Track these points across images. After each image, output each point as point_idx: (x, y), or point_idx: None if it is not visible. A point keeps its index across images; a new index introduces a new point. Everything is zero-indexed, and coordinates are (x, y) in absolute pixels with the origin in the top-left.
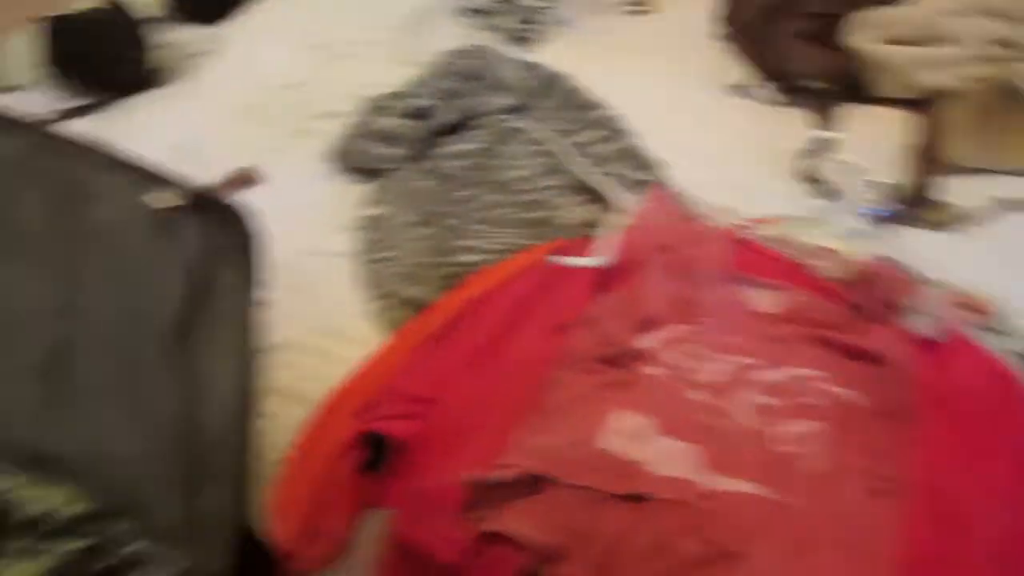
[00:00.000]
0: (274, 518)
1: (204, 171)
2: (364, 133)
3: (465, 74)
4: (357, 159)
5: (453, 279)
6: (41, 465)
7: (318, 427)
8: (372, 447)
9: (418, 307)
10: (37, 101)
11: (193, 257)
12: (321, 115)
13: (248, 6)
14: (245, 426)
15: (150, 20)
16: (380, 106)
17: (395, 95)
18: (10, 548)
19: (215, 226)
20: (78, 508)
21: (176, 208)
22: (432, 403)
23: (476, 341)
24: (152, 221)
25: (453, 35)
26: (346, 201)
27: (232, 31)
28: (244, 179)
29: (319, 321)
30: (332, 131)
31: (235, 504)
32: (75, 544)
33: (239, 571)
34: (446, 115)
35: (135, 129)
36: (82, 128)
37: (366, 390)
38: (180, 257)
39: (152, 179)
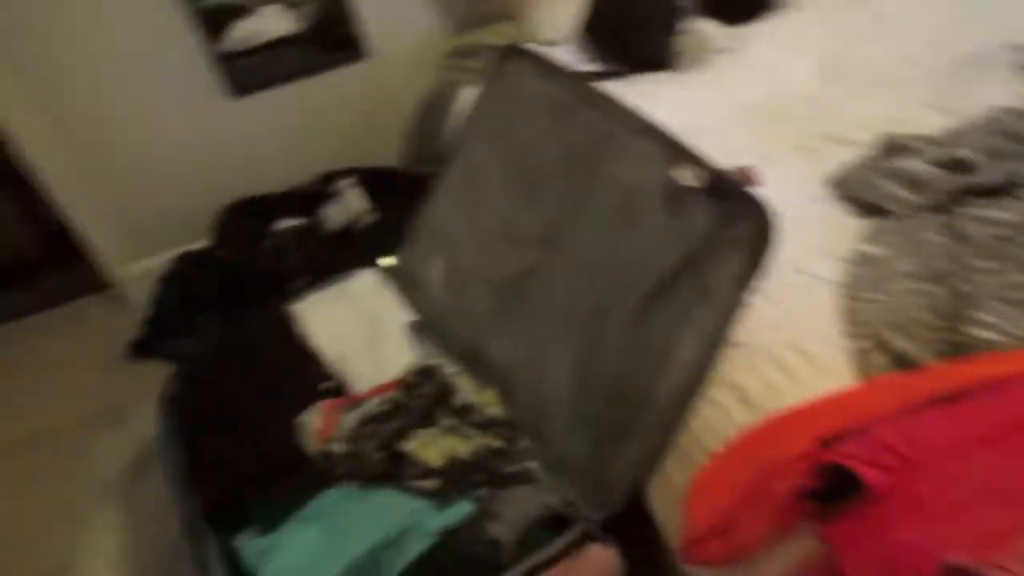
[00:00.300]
0: (690, 501)
1: None
2: (882, 169)
3: (1017, 136)
4: (866, 192)
5: (957, 348)
6: (476, 364)
7: (765, 435)
8: (823, 477)
9: (904, 360)
10: (565, 59)
11: (697, 236)
12: (831, 137)
13: (774, 13)
14: (686, 403)
15: (683, 7)
16: (907, 146)
17: (928, 139)
18: (444, 423)
19: (730, 213)
20: (496, 411)
21: (695, 187)
22: (909, 462)
23: (993, 420)
24: (666, 191)
25: (1007, 91)
26: (838, 229)
27: (755, 35)
28: (746, 178)
29: (790, 337)
30: (840, 156)
31: (641, 468)
32: (490, 440)
33: (615, 529)
34: (990, 175)
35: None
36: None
37: (832, 422)
38: (683, 233)
39: (681, 154)
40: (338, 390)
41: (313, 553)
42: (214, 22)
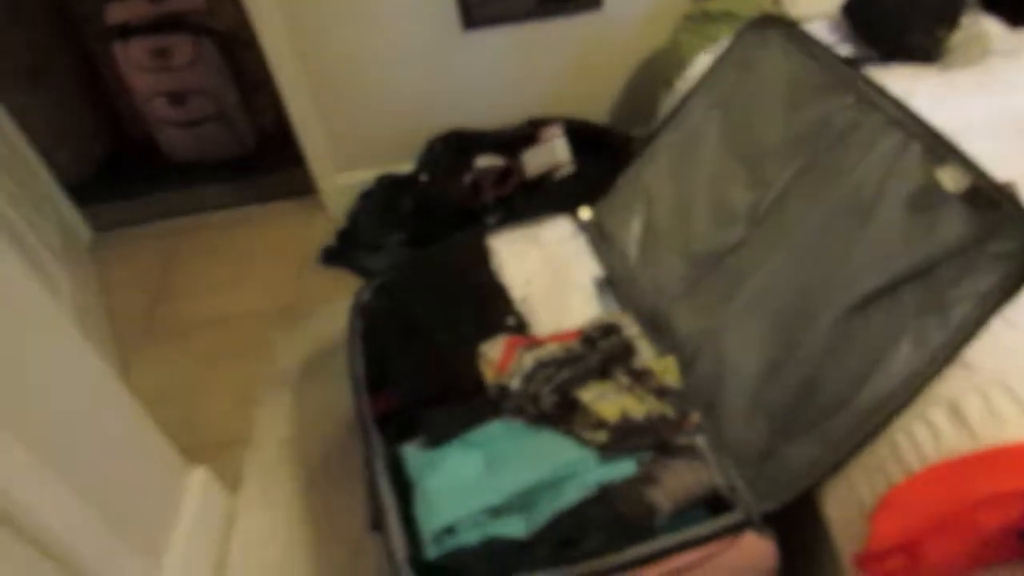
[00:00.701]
0: (878, 515)
1: None
2: None
3: None
4: None
5: None
6: (659, 330)
7: (979, 464)
8: None
9: None
10: (817, 37)
11: (944, 245)
12: None
13: None
14: (889, 414)
15: (967, 0)
16: None
17: None
18: (620, 381)
19: (993, 227)
20: (672, 381)
21: (953, 192)
22: None
23: None
24: (915, 191)
25: None
26: None
27: None
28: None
29: None
30: None
31: (820, 469)
32: (663, 408)
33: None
34: None
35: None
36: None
37: None
38: (926, 238)
39: (947, 153)
40: (520, 328)
41: (471, 476)
42: None
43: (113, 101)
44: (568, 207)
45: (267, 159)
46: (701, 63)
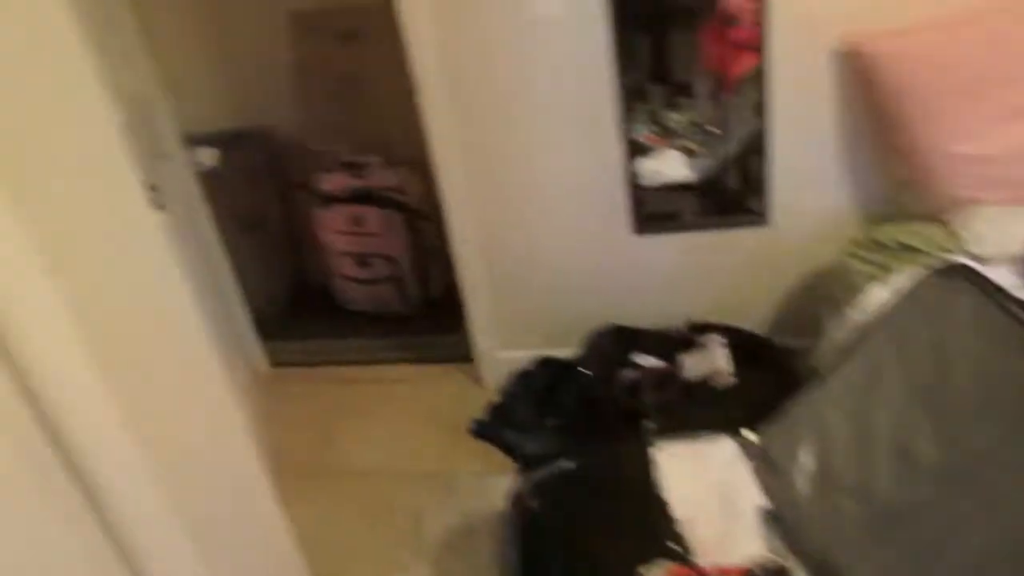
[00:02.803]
0: None
1: None
2: None
3: None
4: None
5: None
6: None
7: None
8: None
9: None
10: (1003, 281)
11: None
12: None
13: None
14: None
15: None
16: None
17: None
18: None
19: None
20: None
21: None
22: None
23: None
24: None
25: None
26: None
27: None
28: None
29: None
30: None
31: None
32: None
33: None
34: None
35: None
36: None
37: None
38: None
39: None
40: (683, 555)
41: None
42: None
43: (304, 251)
44: (729, 421)
45: (431, 322)
46: (876, 295)
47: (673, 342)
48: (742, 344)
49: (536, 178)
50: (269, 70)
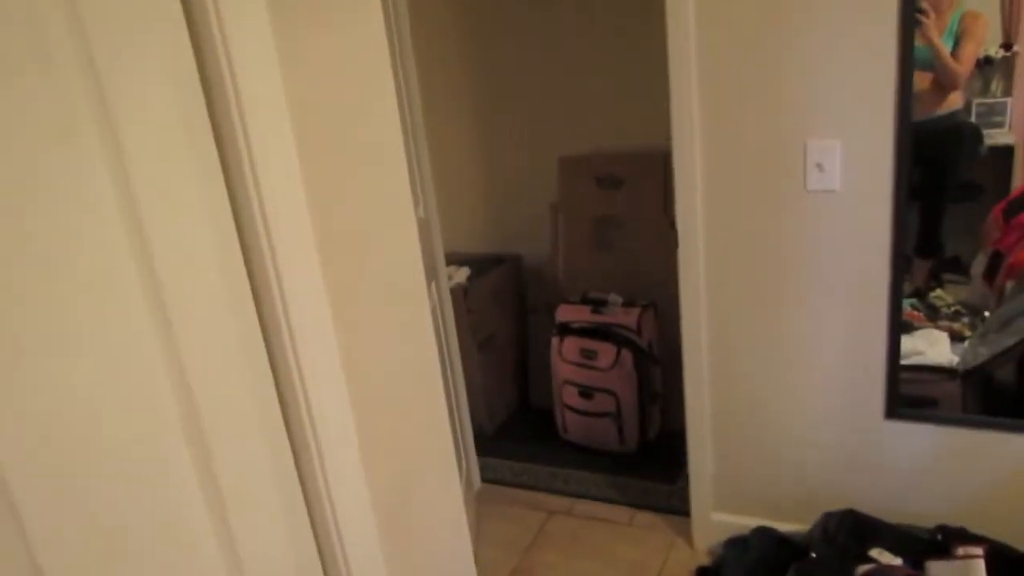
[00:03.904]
0: None
1: None
2: None
3: None
4: None
5: None
6: None
7: None
8: None
9: None
10: None
11: None
12: None
13: None
14: None
15: None
16: None
17: None
18: None
19: None
20: None
21: None
22: None
23: None
24: None
25: None
26: None
27: None
28: None
29: None
30: None
31: None
32: None
33: None
34: None
35: None
36: None
37: None
38: None
39: None
40: None
41: None
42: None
43: (530, 375)
44: None
45: (647, 466)
46: None
47: (920, 544)
48: (1007, 563)
49: (784, 338)
50: (531, 205)
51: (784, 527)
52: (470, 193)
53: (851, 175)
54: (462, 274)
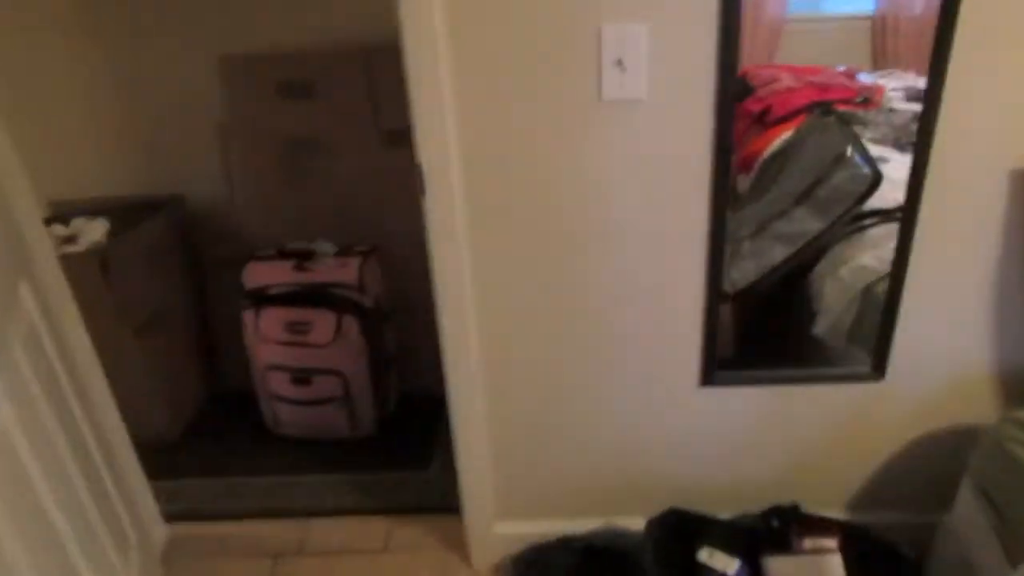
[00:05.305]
0: None
1: None
2: None
3: None
4: None
5: None
6: None
7: None
8: None
9: None
10: None
11: None
12: None
13: None
14: None
15: None
16: None
17: None
18: None
19: None
20: None
21: None
22: None
23: None
24: None
25: None
26: None
27: None
28: None
29: None
30: None
31: None
32: None
33: None
34: None
35: None
36: None
37: None
38: None
39: None
40: None
41: None
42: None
43: (221, 353)
44: None
45: (390, 450)
46: None
47: (752, 536)
48: (858, 544)
49: (575, 295)
50: (189, 125)
51: (579, 526)
52: (93, 118)
53: (660, 76)
54: (97, 230)
